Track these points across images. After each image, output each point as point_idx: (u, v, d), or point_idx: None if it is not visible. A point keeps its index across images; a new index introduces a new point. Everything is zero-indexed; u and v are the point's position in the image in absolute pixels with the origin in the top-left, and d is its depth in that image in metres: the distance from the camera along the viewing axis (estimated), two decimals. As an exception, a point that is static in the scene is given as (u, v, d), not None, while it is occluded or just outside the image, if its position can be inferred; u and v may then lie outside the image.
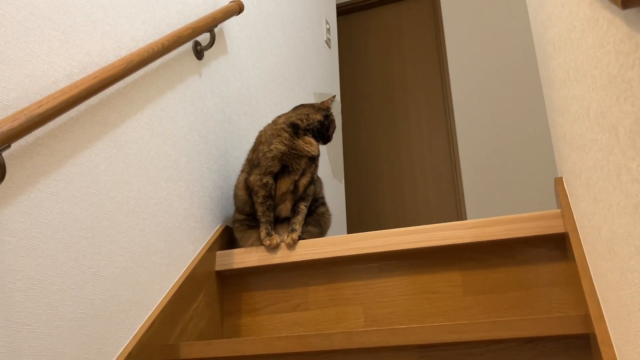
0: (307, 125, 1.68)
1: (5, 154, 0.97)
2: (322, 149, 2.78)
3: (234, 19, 2.00)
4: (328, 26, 3.25)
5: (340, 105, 3.29)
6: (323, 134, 1.71)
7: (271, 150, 1.62)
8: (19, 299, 1.00)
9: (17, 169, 1.03)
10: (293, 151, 1.63)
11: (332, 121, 1.74)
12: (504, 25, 3.69)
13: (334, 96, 1.77)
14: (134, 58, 1.30)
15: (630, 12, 0.56)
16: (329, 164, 2.89)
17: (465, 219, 3.48)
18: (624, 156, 0.65)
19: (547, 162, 3.33)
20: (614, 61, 0.63)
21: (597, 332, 0.95)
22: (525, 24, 3.61)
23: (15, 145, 1.02)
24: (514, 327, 1.11)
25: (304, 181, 1.66)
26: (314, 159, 1.67)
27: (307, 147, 1.65)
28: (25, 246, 1.03)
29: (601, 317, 0.96)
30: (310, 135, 1.68)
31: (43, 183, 1.08)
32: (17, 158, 1.03)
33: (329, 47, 3.23)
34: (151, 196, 1.42)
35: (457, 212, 3.57)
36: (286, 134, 1.64)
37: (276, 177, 1.64)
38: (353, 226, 3.72)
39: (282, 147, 1.62)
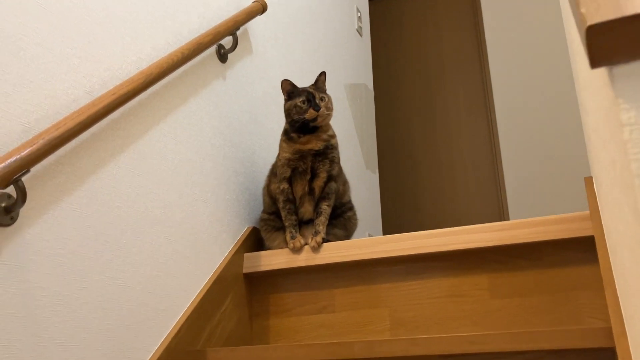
0: (289, 126, 1.69)
1: (25, 178, 1.00)
2: (351, 140, 2.76)
3: (258, 18, 1.99)
4: (359, 14, 3.20)
5: (373, 94, 3.24)
6: (302, 125, 1.64)
7: (280, 159, 1.70)
8: (45, 315, 1.04)
9: (39, 190, 1.06)
10: (295, 155, 1.66)
11: (289, 108, 1.65)
12: (547, 8, 3.55)
13: (285, 80, 1.68)
14: (152, 70, 1.31)
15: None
16: (362, 155, 2.87)
17: (507, 211, 3.40)
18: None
19: (589, 147, 3.21)
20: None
21: (617, 349, 0.92)
22: (566, 3, 3.46)
23: (36, 167, 1.05)
24: (536, 339, 1.09)
25: (318, 182, 1.67)
26: (318, 155, 1.66)
27: (306, 146, 1.66)
28: (50, 263, 1.06)
29: (623, 332, 0.93)
30: (302, 132, 1.67)
31: (66, 201, 1.11)
32: (38, 179, 1.06)
33: (361, 36, 3.19)
34: (176, 204, 1.44)
35: (499, 203, 3.49)
36: (284, 143, 1.71)
37: (292, 182, 1.68)
38: (389, 218, 3.66)
39: (286, 154, 1.68)
